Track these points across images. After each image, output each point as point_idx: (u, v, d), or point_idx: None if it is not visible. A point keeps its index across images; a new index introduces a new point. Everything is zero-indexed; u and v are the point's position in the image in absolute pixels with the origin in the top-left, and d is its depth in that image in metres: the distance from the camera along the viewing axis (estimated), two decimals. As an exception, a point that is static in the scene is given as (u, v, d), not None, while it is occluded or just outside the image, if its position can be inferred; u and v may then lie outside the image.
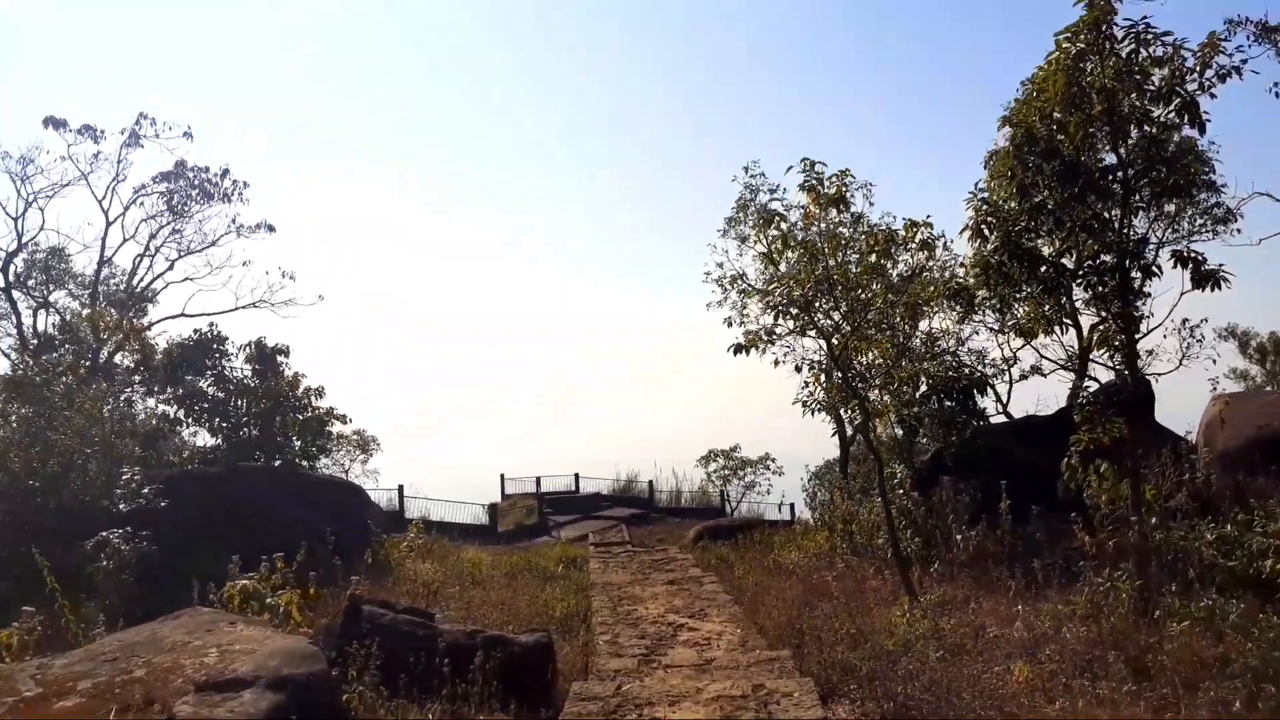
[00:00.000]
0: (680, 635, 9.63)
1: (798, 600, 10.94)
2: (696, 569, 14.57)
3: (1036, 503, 11.47)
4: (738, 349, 11.03)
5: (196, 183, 25.47)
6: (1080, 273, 9.37)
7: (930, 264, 10.75)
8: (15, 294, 25.55)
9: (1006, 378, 18.90)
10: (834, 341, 10.77)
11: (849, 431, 19.54)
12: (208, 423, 17.49)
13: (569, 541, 26.39)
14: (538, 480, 38.16)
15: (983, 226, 9.59)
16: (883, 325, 10.66)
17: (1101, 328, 9.23)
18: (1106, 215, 9.22)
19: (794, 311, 10.95)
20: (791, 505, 34.11)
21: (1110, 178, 9.16)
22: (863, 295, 10.61)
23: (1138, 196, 9.22)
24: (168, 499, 13.03)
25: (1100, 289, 9.24)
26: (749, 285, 23.89)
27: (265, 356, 18.88)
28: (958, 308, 10.89)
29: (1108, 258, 9.19)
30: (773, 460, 30.09)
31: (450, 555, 17.29)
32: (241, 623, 5.50)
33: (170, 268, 26.08)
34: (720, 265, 24.92)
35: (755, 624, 10.00)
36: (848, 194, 10.71)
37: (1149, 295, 9.17)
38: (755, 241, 23.62)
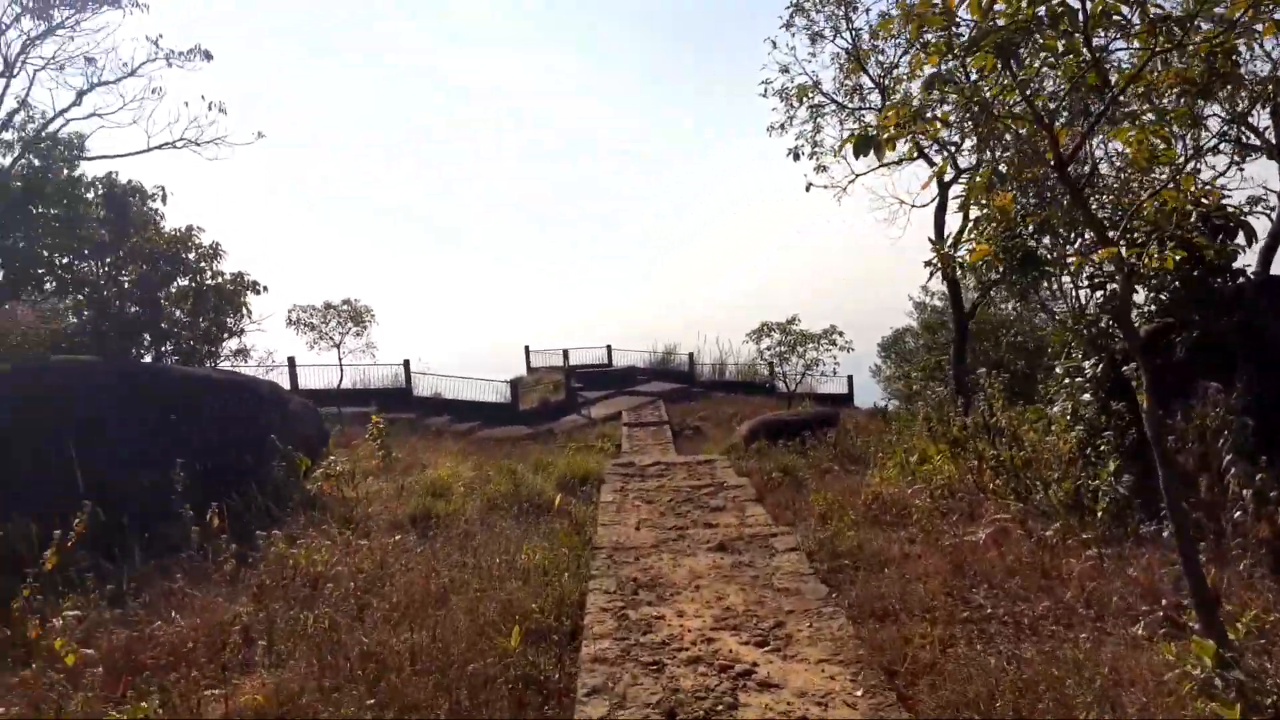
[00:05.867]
0: (745, 710, 4.88)
1: (951, 603, 6.12)
2: (758, 508, 9.78)
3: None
4: (863, 146, 5.49)
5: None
6: None
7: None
8: None
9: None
10: (1056, 125, 5.27)
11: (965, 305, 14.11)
12: (60, 295, 12.71)
13: (601, 420, 22.33)
14: (565, 353, 33.64)
15: None
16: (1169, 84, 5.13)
17: None
18: None
19: (974, 72, 5.40)
20: (849, 378, 29.31)
21: None
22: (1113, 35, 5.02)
23: None
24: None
25: None
26: (827, 96, 17.69)
27: (116, 201, 13.62)
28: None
29: None
30: (840, 334, 25.01)
31: (417, 469, 12.84)
32: None
33: (77, 101, 20.44)
34: (785, 70, 18.44)
35: (887, 674, 5.20)
36: None
37: None
38: (834, 35, 17.01)
